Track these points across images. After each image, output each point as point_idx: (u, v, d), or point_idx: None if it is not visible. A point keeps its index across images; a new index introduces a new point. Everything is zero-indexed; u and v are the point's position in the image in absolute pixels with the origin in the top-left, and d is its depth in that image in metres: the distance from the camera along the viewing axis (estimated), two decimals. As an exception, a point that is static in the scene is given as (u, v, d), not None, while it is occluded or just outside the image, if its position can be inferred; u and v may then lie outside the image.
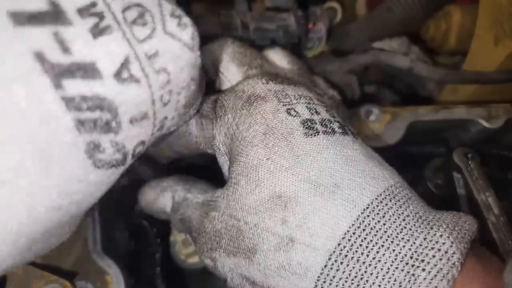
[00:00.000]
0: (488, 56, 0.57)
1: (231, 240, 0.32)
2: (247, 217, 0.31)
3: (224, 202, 0.34)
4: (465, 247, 0.26)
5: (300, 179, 0.30)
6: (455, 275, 0.25)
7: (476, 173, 0.50)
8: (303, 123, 0.33)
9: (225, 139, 0.35)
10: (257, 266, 0.30)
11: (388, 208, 0.28)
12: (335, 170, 0.30)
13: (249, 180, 0.32)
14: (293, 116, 0.33)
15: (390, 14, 0.67)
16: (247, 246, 0.31)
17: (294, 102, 0.34)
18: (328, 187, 0.29)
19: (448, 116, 0.52)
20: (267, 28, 0.56)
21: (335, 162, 0.31)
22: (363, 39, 0.71)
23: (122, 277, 0.47)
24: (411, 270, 0.26)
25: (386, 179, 0.31)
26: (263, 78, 0.36)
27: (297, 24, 0.57)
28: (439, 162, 0.56)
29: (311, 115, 0.34)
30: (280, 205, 0.30)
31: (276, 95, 0.35)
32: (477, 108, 0.53)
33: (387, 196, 0.29)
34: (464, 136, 0.56)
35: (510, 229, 0.46)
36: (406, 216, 0.28)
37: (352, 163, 0.31)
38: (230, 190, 0.33)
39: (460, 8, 0.65)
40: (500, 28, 0.54)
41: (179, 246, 0.52)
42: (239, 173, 0.33)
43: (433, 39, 0.68)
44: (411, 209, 0.29)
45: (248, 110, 0.34)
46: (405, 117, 0.51)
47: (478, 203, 0.48)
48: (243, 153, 0.33)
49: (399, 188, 0.31)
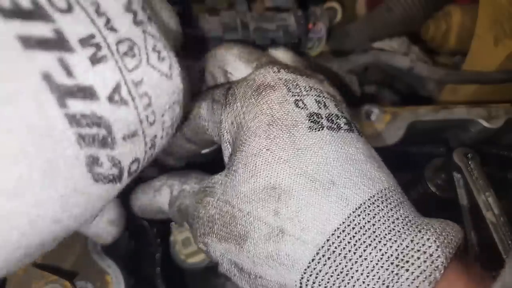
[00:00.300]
0: (488, 56, 0.57)
1: (224, 225, 0.32)
2: (241, 204, 0.32)
3: (221, 188, 0.34)
4: (450, 252, 0.27)
5: (297, 173, 0.30)
6: (437, 277, 0.26)
7: (476, 173, 0.50)
8: (309, 116, 0.33)
9: (231, 127, 0.35)
10: (247, 253, 0.31)
11: (379, 209, 0.29)
12: (333, 167, 0.30)
13: (247, 168, 0.32)
14: (300, 108, 0.33)
15: (390, 14, 0.67)
16: (239, 233, 0.31)
17: (304, 93, 0.35)
18: (324, 183, 0.30)
19: (448, 116, 0.52)
20: (267, 28, 0.56)
21: (335, 159, 0.31)
22: (363, 39, 0.71)
23: (122, 277, 0.47)
24: (395, 269, 0.26)
25: (382, 181, 0.31)
26: (275, 66, 0.37)
27: (297, 24, 0.57)
28: (439, 162, 0.56)
29: (319, 109, 0.34)
30: (274, 196, 0.30)
31: (286, 84, 0.35)
32: (477, 108, 0.53)
33: (380, 198, 0.30)
34: (464, 136, 0.56)
35: (510, 229, 0.46)
36: (396, 219, 0.29)
37: (351, 162, 0.31)
38: (229, 177, 0.34)
39: (460, 8, 0.65)
40: (500, 28, 0.54)
41: (179, 246, 0.52)
42: (239, 161, 0.33)
43: (433, 39, 0.68)
44: (401, 212, 0.29)
45: (256, 100, 0.34)
46: (405, 117, 0.51)
47: (478, 203, 0.48)
48: (246, 142, 0.33)
49: (393, 191, 0.31)
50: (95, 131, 0.24)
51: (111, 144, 0.25)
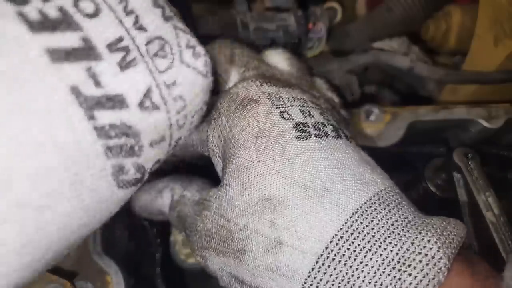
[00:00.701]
0: (488, 56, 0.57)
1: (221, 240, 0.32)
2: (236, 218, 0.31)
3: (216, 202, 0.34)
4: (452, 252, 0.27)
5: (290, 183, 0.30)
6: (441, 280, 0.25)
7: (476, 173, 0.50)
8: (295, 126, 0.33)
9: (218, 141, 0.35)
10: (246, 266, 0.31)
11: (377, 213, 0.29)
12: (325, 174, 0.30)
13: (239, 181, 0.32)
14: (285, 119, 0.33)
15: (390, 14, 0.67)
16: (237, 247, 0.31)
17: (288, 104, 0.35)
18: (317, 191, 0.30)
19: (448, 116, 0.52)
20: (267, 28, 0.56)
21: (326, 166, 0.31)
22: (363, 39, 0.71)
23: (122, 277, 0.47)
24: (397, 274, 0.26)
25: (377, 183, 0.31)
26: (258, 80, 0.37)
27: (297, 24, 0.57)
28: (439, 162, 0.56)
29: (304, 118, 0.34)
30: (269, 208, 0.30)
31: (269, 98, 0.35)
32: (477, 108, 0.53)
33: (377, 201, 0.29)
34: (464, 136, 0.56)
35: (510, 229, 0.46)
36: (395, 221, 0.28)
37: (343, 167, 0.31)
38: (222, 191, 0.34)
39: (460, 8, 0.65)
40: (500, 28, 0.54)
41: (179, 246, 0.52)
42: (230, 175, 0.33)
43: (433, 39, 0.68)
44: (400, 214, 0.29)
45: (241, 113, 0.34)
46: (405, 117, 0.51)
47: (478, 203, 0.48)
48: (236, 155, 0.33)
49: (390, 193, 0.31)
50: (123, 141, 0.24)
51: (137, 152, 0.25)
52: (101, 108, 0.22)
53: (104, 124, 0.23)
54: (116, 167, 0.24)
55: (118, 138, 0.23)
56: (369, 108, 0.51)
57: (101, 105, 0.22)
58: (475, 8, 0.58)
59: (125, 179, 0.25)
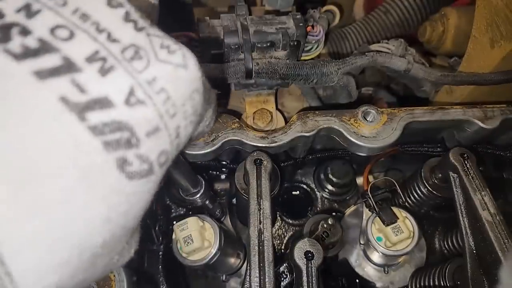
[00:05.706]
0: (484, 58, 0.58)
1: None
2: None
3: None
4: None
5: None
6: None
7: (472, 173, 0.50)
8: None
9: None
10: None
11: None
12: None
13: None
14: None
15: (387, 16, 0.68)
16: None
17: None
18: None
19: (444, 117, 0.53)
20: (267, 31, 0.57)
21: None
22: (361, 41, 0.72)
23: (124, 275, 0.48)
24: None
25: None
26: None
27: (296, 27, 0.58)
28: (436, 162, 0.57)
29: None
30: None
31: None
32: (473, 109, 0.53)
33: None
34: (460, 137, 0.56)
35: (505, 227, 0.46)
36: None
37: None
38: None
39: (457, 11, 0.66)
40: (496, 30, 0.55)
41: (180, 243, 0.52)
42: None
43: (429, 41, 0.69)
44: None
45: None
46: (401, 117, 0.52)
47: (474, 202, 0.48)
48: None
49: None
50: (118, 136, 0.26)
51: (136, 143, 0.27)
52: (91, 110, 0.25)
53: (96, 123, 0.26)
54: (119, 160, 0.27)
55: (112, 133, 0.26)
56: (366, 109, 0.52)
57: (90, 108, 0.25)
58: (471, 10, 0.59)
59: (132, 170, 0.28)
